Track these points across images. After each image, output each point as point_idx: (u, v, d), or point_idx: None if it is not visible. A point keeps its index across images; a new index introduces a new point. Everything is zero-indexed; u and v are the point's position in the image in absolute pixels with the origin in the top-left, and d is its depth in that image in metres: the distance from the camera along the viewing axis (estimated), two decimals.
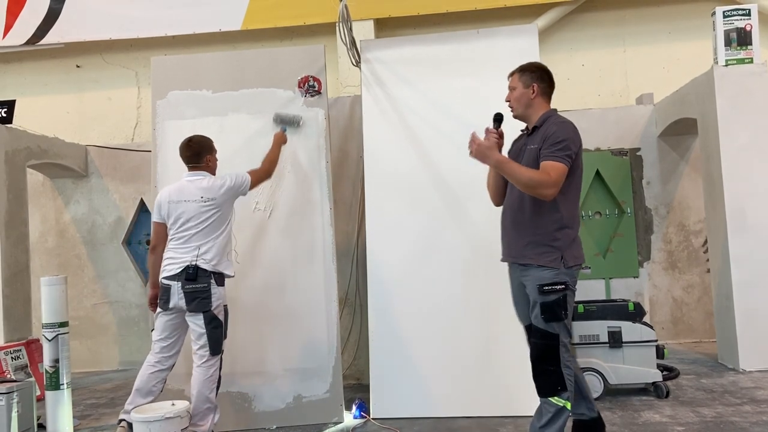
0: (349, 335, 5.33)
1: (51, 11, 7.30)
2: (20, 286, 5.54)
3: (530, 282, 3.01)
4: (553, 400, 2.97)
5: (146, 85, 7.45)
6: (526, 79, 3.14)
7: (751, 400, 4.14)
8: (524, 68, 3.18)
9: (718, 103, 5.10)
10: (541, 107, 3.14)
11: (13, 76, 7.69)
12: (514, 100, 3.17)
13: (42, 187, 6.73)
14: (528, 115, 3.16)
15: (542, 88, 3.14)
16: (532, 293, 3.01)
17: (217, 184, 3.72)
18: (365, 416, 4.17)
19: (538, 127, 3.08)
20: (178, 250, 3.65)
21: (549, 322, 2.96)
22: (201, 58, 4.90)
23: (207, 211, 3.65)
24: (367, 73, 4.68)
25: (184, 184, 3.74)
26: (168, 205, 3.71)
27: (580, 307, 4.45)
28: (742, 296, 5.00)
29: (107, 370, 6.57)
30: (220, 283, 3.66)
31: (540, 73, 3.16)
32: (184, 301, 3.58)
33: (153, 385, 3.67)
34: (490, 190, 3.33)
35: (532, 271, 3.01)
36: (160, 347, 3.71)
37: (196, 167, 3.77)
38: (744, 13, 5.23)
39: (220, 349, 3.67)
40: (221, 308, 3.68)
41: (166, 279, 3.63)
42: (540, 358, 3.01)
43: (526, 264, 3.04)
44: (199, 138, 3.83)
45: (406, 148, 4.51)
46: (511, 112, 3.21)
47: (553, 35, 7.11)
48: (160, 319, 3.71)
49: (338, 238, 4.70)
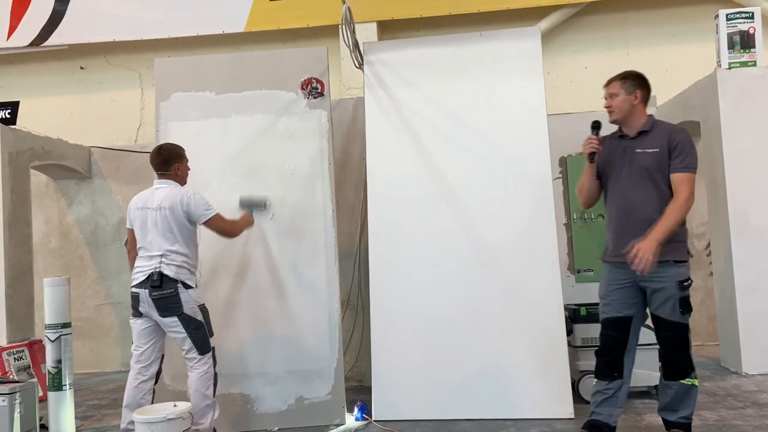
0: (351, 337, 5.33)
1: (55, 13, 7.32)
2: (23, 286, 5.55)
3: (667, 279, 3.19)
4: (685, 382, 3.24)
5: (149, 86, 7.46)
6: (628, 86, 3.35)
7: (754, 404, 4.13)
8: (626, 75, 3.39)
9: (721, 106, 5.09)
10: (642, 113, 3.36)
11: (17, 78, 7.71)
12: (616, 106, 3.36)
13: (45, 188, 6.75)
14: (628, 120, 3.37)
15: (643, 95, 3.36)
16: (671, 289, 3.19)
17: (178, 197, 3.65)
18: (367, 418, 4.17)
19: (647, 132, 3.30)
20: (143, 258, 3.65)
21: (685, 314, 3.21)
22: (204, 59, 4.91)
23: (165, 221, 3.61)
24: (370, 75, 4.68)
25: (151, 191, 3.74)
26: (134, 212, 3.73)
27: (582, 310, 4.45)
28: (745, 299, 4.98)
29: (109, 371, 6.58)
30: (186, 287, 3.61)
31: (641, 81, 3.38)
32: (154, 308, 3.56)
33: (141, 398, 3.63)
34: (584, 194, 3.53)
35: (668, 269, 3.19)
36: (137, 357, 3.68)
37: (165, 175, 3.75)
38: (747, 16, 5.23)
39: (208, 347, 3.66)
40: (196, 309, 3.63)
41: (134, 287, 3.62)
42: (675, 348, 3.25)
43: (662, 261, 3.15)
44: (170, 146, 3.84)
45: (409, 150, 4.51)
46: (610, 117, 3.41)
47: (556, 38, 7.10)
48: (134, 327, 3.69)
49: (340, 240, 4.71)
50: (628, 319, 3.33)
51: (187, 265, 3.66)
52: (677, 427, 3.30)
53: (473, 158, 4.41)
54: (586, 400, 4.27)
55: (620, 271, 3.32)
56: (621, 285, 3.34)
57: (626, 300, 3.33)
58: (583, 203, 3.57)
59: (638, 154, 3.29)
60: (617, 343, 3.34)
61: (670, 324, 3.23)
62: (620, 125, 3.43)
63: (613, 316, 3.36)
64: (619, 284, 3.34)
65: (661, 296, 3.23)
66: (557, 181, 5.89)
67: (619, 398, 3.34)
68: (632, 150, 3.31)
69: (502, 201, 4.33)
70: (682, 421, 3.30)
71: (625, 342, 3.33)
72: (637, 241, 3.15)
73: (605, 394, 3.35)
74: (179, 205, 3.63)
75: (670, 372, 3.27)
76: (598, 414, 3.37)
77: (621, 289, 3.34)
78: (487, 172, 4.39)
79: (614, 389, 3.33)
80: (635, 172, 3.29)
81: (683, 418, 3.29)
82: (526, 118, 4.39)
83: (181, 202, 3.64)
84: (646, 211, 3.24)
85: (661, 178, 3.24)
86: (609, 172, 3.40)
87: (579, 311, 4.45)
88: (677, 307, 3.20)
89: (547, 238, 4.23)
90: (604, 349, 3.39)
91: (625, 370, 3.34)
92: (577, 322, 4.41)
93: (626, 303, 3.33)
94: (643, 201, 3.25)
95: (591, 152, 3.40)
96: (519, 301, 4.20)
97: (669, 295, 3.20)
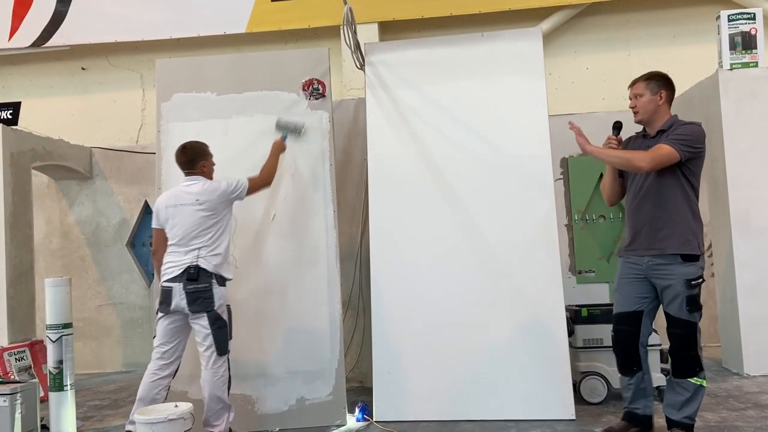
0: (352, 338, 5.33)
1: (56, 14, 7.32)
2: (24, 287, 5.56)
3: (675, 277, 3.26)
4: (692, 381, 3.29)
5: (151, 87, 7.46)
6: (653, 86, 3.42)
7: (756, 405, 4.13)
8: (651, 76, 3.46)
9: (723, 107, 5.09)
10: (665, 113, 3.44)
11: (19, 78, 7.72)
12: (641, 106, 3.44)
13: (47, 188, 6.75)
14: (652, 120, 3.44)
15: (668, 95, 3.44)
16: (678, 287, 3.25)
17: (211, 187, 3.76)
18: (368, 419, 4.17)
19: (664, 130, 3.37)
20: (177, 253, 3.68)
21: (693, 312, 3.27)
22: (205, 60, 4.91)
23: (203, 215, 3.68)
24: (372, 76, 4.68)
25: (180, 189, 3.80)
26: (165, 211, 3.76)
27: (583, 311, 4.44)
28: (746, 301, 4.98)
29: (111, 371, 6.58)
30: (221, 283, 3.68)
31: (665, 81, 3.45)
32: (185, 302, 3.59)
33: (155, 393, 3.66)
34: (606, 192, 3.64)
35: (676, 266, 3.26)
36: (160, 353, 3.71)
37: (191, 173, 3.82)
38: (749, 16, 5.22)
39: (226, 349, 3.69)
40: (224, 308, 3.70)
41: (166, 282, 3.65)
42: (683, 346, 3.30)
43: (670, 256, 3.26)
44: (193, 144, 3.88)
45: (410, 150, 4.51)
46: (635, 117, 3.48)
47: (558, 39, 7.10)
48: (160, 324, 3.71)
49: (342, 241, 4.71)
50: (638, 313, 3.42)
51: (222, 258, 3.73)
52: (680, 426, 3.33)
53: (474, 159, 4.41)
54: (587, 401, 4.27)
55: (632, 265, 3.42)
56: (632, 279, 3.42)
57: (636, 294, 3.41)
58: (607, 201, 3.69)
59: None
60: (629, 336, 3.44)
61: (678, 321, 3.29)
62: (644, 125, 3.51)
63: (623, 310, 3.46)
64: (631, 278, 3.43)
65: (669, 293, 3.30)
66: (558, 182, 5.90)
67: (647, 388, 3.49)
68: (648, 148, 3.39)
69: (503, 202, 4.32)
70: (686, 421, 3.33)
71: (637, 335, 3.43)
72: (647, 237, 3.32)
73: (630, 389, 3.50)
74: (222, 194, 3.74)
75: (678, 369, 3.33)
76: (635, 408, 3.51)
77: (632, 283, 3.42)
78: (488, 172, 4.39)
79: (637, 383, 3.47)
80: (653, 171, 3.35)
81: (687, 418, 3.32)
82: (527, 118, 4.38)
83: (225, 189, 3.76)
84: (661, 209, 3.31)
85: (681, 175, 3.32)
86: (630, 170, 3.48)
87: (580, 312, 4.44)
88: (684, 306, 3.26)
89: (549, 239, 4.22)
90: (617, 343, 3.51)
91: (643, 362, 3.46)
92: (578, 323, 4.40)
93: (636, 297, 3.41)
94: (659, 199, 3.32)
95: None
96: (520, 302, 4.19)
97: (677, 293, 3.26)
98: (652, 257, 3.34)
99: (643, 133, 3.53)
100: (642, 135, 3.53)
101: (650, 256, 3.34)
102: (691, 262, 3.27)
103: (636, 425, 3.51)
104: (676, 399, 3.34)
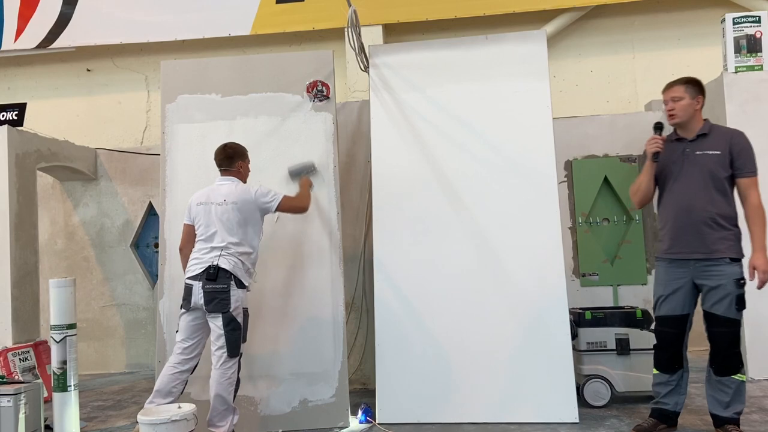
0: (356, 340, 5.33)
1: (62, 15, 7.36)
2: (29, 287, 5.57)
3: (725, 277, 3.37)
4: (735, 377, 3.40)
5: (156, 89, 7.49)
6: (692, 91, 3.50)
7: (760, 409, 4.11)
8: (690, 81, 3.53)
9: (728, 110, 5.08)
10: (700, 117, 3.53)
11: (24, 80, 7.75)
12: (681, 109, 3.49)
13: (51, 189, 6.77)
14: (688, 124, 3.51)
15: (703, 101, 3.54)
16: (729, 287, 3.36)
17: (240, 189, 3.82)
18: (371, 421, 4.17)
19: (706, 134, 3.47)
20: (202, 251, 3.74)
21: (740, 310, 3.38)
22: (210, 62, 4.93)
23: (228, 215, 3.73)
24: (376, 78, 4.69)
25: (214, 187, 3.87)
26: (195, 208, 3.84)
27: (587, 314, 4.43)
28: (750, 305, 4.91)
29: (114, 372, 6.59)
30: (240, 285, 3.70)
31: (701, 86, 3.54)
32: (203, 301, 3.64)
33: (173, 386, 3.70)
34: (640, 193, 3.66)
35: (725, 267, 3.37)
36: (182, 348, 3.75)
37: (228, 171, 3.90)
38: (754, 20, 5.22)
39: (237, 351, 3.71)
40: (240, 311, 3.72)
41: (189, 279, 3.72)
42: (728, 344, 3.40)
43: (718, 258, 3.37)
44: (235, 144, 3.98)
45: (414, 153, 4.51)
46: (672, 119, 3.54)
47: (562, 41, 7.10)
48: (183, 320, 3.77)
49: (345, 243, 4.71)
50: (685, 316, 3.52)
51: (245, 261, 3.76)
52: (731, 422, 3.43)
53: (478, 161, 4.41)
54: (590, 404, 4.27)
55: (677, 269, 3.49)
56: (679, 284, 3.49)
57: (683, 298, 3.50)
58: (637, 203, 3.71)
59: (699, 156, 3.45)
60: (675, 339, 3.54)
61: (724, 320, 3.38)
62: (679, 128, 3.56)
63: (671, 314, 3.53)
64: (677, 283, 3.50)
65: (718, 294, 3.38)
66: (562, 184, 5.89)
67: (682, 386, 3.59)
68: (692, 152, 3.47)
69: (507, 204, 4.32)
70: (735, 416, 3.43)
71: (682, 337, 3.54)
72: (694, 238, 3.38)
73: (670, 385, 3.58)
74: (251, 199, 3.78)
75: (722, 368, 3.42)
76: (664, 404, 3.60)
77: (680, 286, 3.49)
78: (491, 174, 4.39)
79: (677, 380, 3.56)
80: (696, 173, 3.42)
81: (736, 414, 3.43)
82: (531, 121, 4.39)
83: (255, 195, 3.80)
84: (707, 211, 3.40)
85: (722, 179, 3.40)
86: (667, 173, 3.54)
87: (584, 315, 4.43)
88: (734, 305, 3.36)
89: (553, 241, 4.22)
90: (663, 344, 3.59)
91: (684, 360, 3.57)
92: (581, 326, 4.40)
93: (684, 301, 3.50)
94: (704, 201, 3.41)
95: (655, 152, 3.54)
96: (524, 304, 4.19)
97: (727, 293, 3.36)
98: (699, 259, 3.42)
99: (677, 136, 3.56)
100: (676, 138, 3.57)
101: (697, 259, 3.42)
102: (738, 263, 3.39)
103: (664, 422, 3.61)
104: (722, 397, 3.44)
